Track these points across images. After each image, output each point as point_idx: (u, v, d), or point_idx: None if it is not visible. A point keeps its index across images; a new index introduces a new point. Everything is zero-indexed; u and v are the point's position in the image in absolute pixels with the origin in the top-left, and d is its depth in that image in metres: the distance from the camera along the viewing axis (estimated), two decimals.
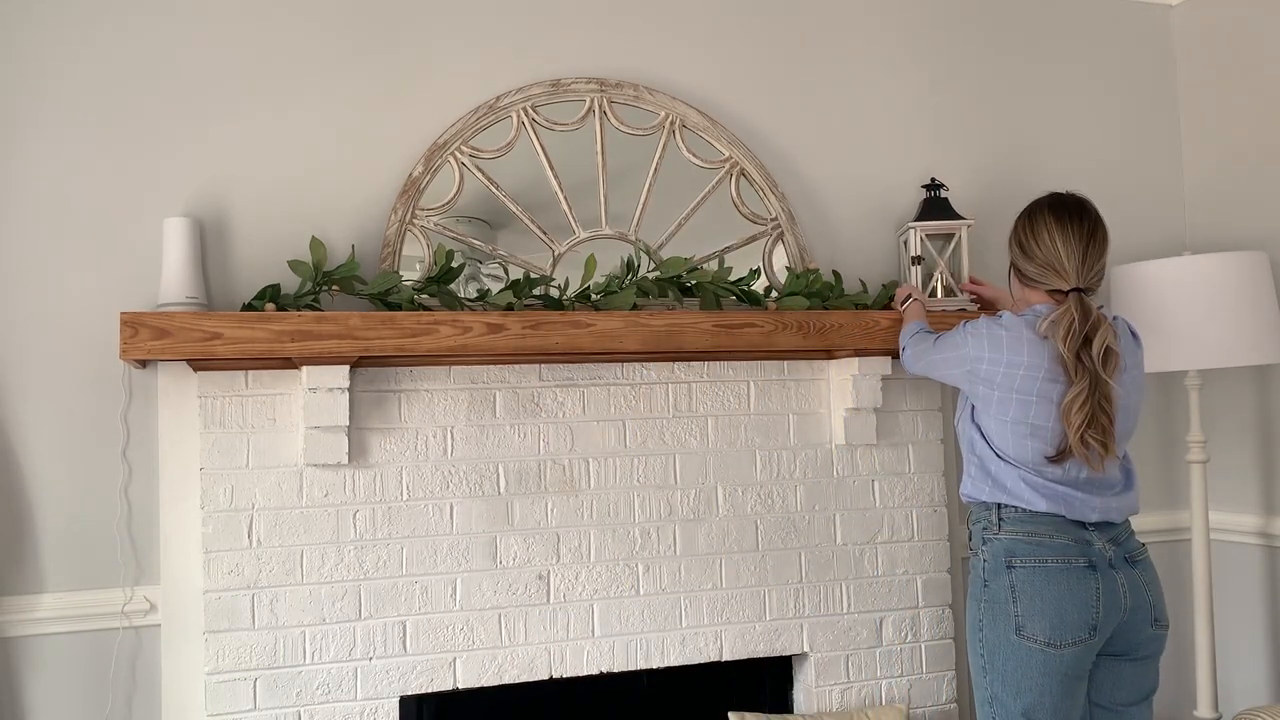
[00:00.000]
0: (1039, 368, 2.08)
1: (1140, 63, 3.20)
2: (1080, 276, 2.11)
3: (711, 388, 2.66)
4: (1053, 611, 2.02)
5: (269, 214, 2.43)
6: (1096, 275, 2.14)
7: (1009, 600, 2.06)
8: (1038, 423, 2.09)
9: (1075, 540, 2.07)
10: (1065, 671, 2.03)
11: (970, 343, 2.16)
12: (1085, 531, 2.09)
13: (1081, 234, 2.12)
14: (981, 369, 2.14)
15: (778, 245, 2.74)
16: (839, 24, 2.91)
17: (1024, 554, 2.07)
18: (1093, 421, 2.03)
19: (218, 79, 2.42)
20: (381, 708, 2.37)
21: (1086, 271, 2.12)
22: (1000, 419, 2.12)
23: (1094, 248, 2.13)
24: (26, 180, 2.29)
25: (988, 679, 2.10)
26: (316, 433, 2.31)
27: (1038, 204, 2.20)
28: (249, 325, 2.15)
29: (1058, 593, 2.03)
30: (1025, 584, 2.05)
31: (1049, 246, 2.12)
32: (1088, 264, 2.12)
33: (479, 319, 2.28)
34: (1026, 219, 2.19)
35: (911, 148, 2.93)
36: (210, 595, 2.28)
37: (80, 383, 2.30)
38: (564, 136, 2.61)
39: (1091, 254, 2.12)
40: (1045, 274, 2.14)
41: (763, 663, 2.70)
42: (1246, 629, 2.98)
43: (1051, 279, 2.13)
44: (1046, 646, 2.02)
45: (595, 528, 2.55)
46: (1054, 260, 2.12)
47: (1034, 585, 2.05)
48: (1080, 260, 2.11)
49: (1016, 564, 2.07)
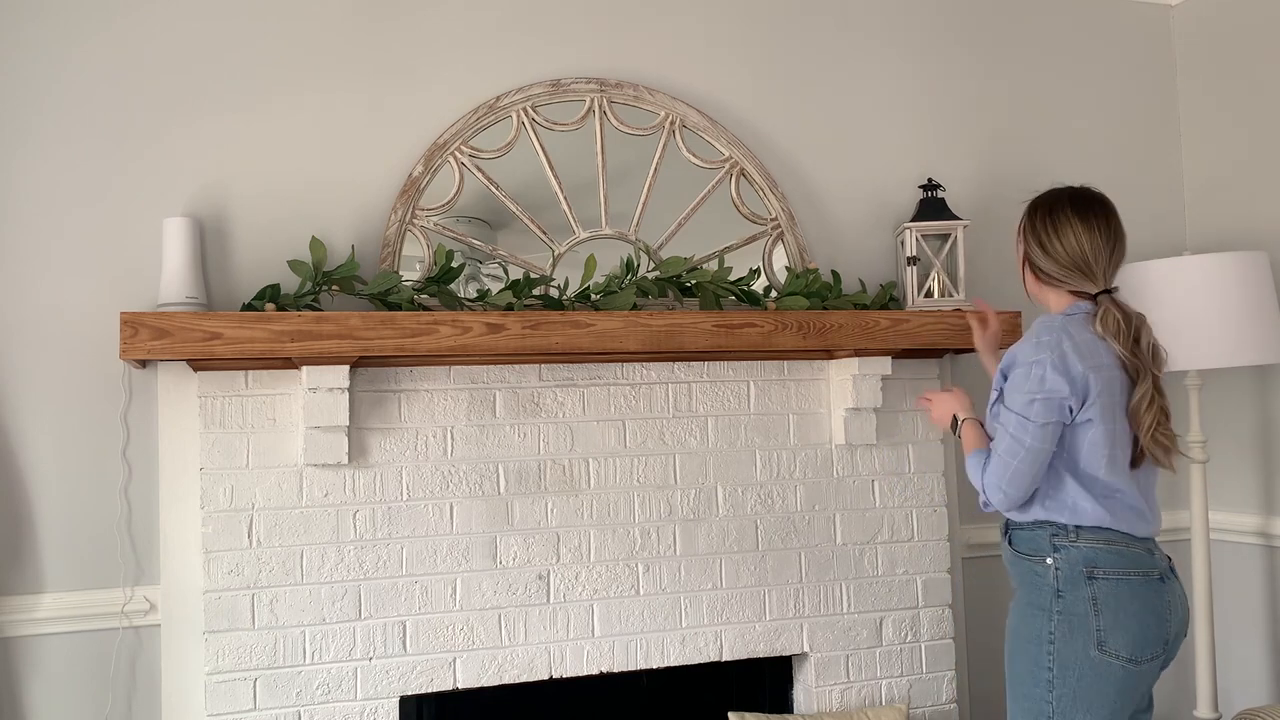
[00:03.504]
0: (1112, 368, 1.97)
1: (1140, 63, 3.20)
2: (1108, 277, 2.02)
3: (711, 388, 2.66)
4: (1136, 626, 1.92)
5: (269, 214, 2.43)
6: (1115, 275, 2.05)
7: (1090, 613, 1.93)
8: (1117, 429, 1.97)
9: (1145, 550, 1.99)
10: (1137, 688, 1.95)
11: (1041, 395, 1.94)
12: (1146, 541, 2.01)
13: (1108, 233, 2.02)
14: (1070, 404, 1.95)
15: (777, 245, 2.74)
16: (839, 24, 2.91)
17: (1107, 564, 1.95)
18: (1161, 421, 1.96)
19: (218, 79, 2.42)
20: (381, 708, 2.37)
21: (1112, 271, 2.03)
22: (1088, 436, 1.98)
23: (1119, 248, 2.04)
24: (27, 180, 2.29)
25: (1053, 694, 1.95)
26: (316, 433, 2.31)
27: (1056, 198, 2.06)
28: (249, 325, 2.15)
29: (1140, 607, 1.93)
30: (1109, 596, 1.93)
31: (1074, 246, 2.00)
32: (1114, 264, 2.03)
33: (479, 319, 2.28)
34: (1047, 215, 2.05)
35: (911, 148, 2.93)
36: (210, 595, 2.28)
37: (80, 383, 2.30)
38: (564, 136, 2.61)
39: (1117, 254, 2.03)
40: (1070, 275, 2.02)
41: (763, 663, 2.70)
42: (1246, 629, 2.98)
43: (1077, 280, 2.02)
44: (1128, 663, 1.92)
45: (595, 528, 2.55)
46: (1080, 261, 2.01)
47: (1119, 598, 1.93)
48: (1108, 261, 2.01)
49: (1099, 575, 1.95)
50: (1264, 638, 2.94)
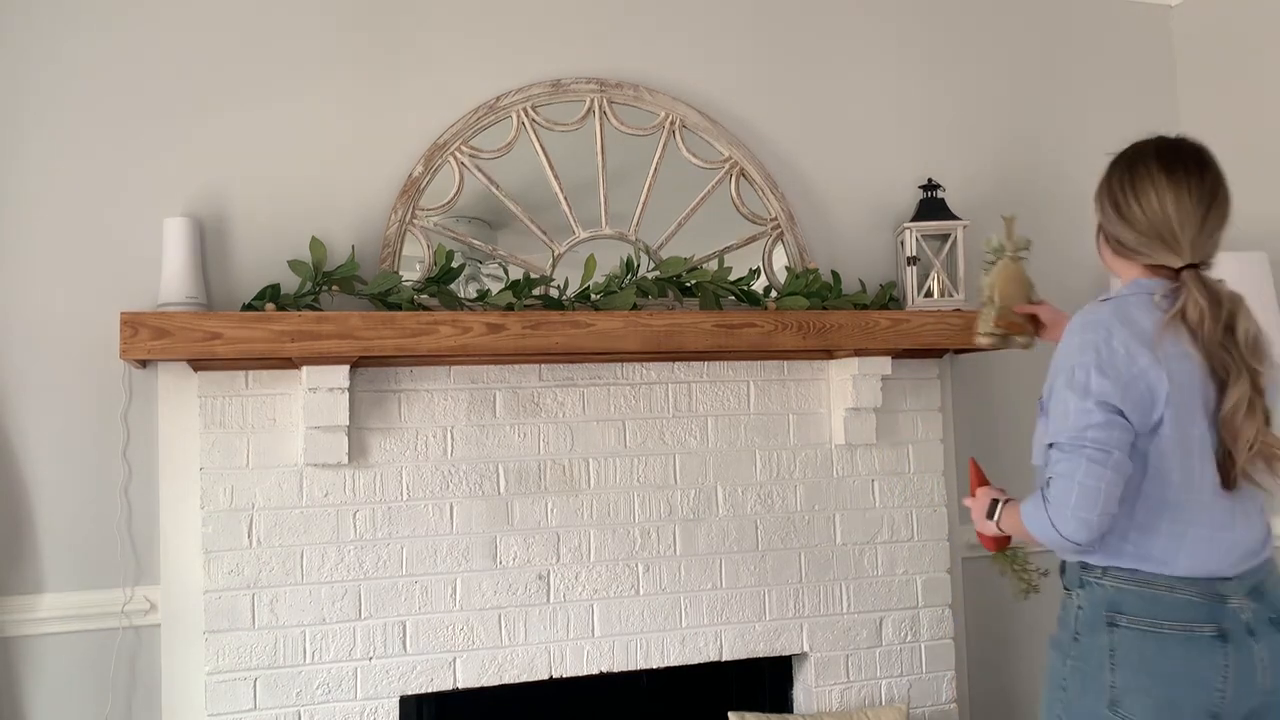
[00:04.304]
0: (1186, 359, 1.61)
1: (1140, 63, 3.19)
2: (1197, 249, 1.65)
3: (711, 388, 2.66)
4: (1160, 691, 1.57)
5: (269, 214, 2.43)
6: (1214, 248, 1.68)
7: (1104, 667, 1.61)
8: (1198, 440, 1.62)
9: (1203, 596, 1.59)
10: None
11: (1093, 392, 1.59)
12: (1217, 585, 1.60)
13: (1201, 193, 1.66)
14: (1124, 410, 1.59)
15: (777, 245, 2.74)
16: (839, 24, 2.91)
17: (1133, 610, 1.61)
18: (1263, 430, 1.60)
19: (218, 79, 2.42)
20: (381, 708, 2.37)
21: (1205, 241, 1.66)
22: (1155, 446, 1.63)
23: (1215, 211, 1.66)
24: (27, 180, 2.29)
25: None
26: (316, 433, 2.31)
27: (1140, 151, 1.73)
28: (249, 325, 2.15)
29: (1170, 668, 1.57)
30: (1129, 650, 1.60)
31: (1157, 209, 1.66)
32: (1205, 232, 1.66)
33: (479, 319, 2.28)
34: (1127, 171, 1.72)
35: (911, 148, 2.93)
36: (210, 595, 2.28)
37: (80, 383, 2.30)
38: (564, 136, 2.61)
39: (1212, 219, 1.66)
40: (1150, 245, 1.67)
41: (763, 663, 2.70)
42: None
43: (1158, 251, 1.66)
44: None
45: (595, 528, 2.55)
46: (1163, 227, 1.65)
47: (1141, 654, 1.59)
48: (1198, 228, 1.65)
49: (1121, 622, 1.61)
50: None
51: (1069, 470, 1.59)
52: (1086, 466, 1.57)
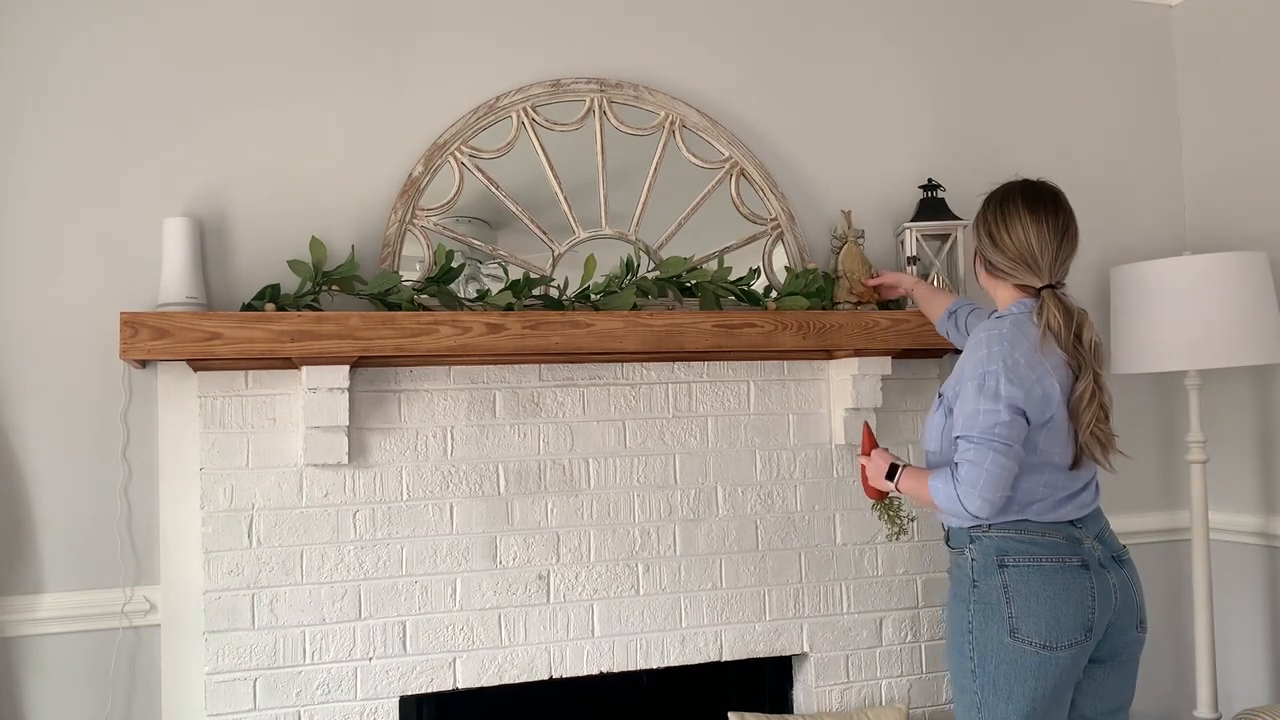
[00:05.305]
0: (1060, 367, 1.99)
1: (1140, 63, 3.19)
2: (1053, 272, 2.03)
3: (711, 388, 2.66)
4: (1048, 612, 1.95)
5: (269, 214, 2.43)
6: (1065, 271, 2.06)
7: (1002, 601, 1.97)
8: (1059, 424, 2.00)
9: (1064, 538, 2.00)
10: (1059, 675, 1.96)
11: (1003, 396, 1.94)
12: (1073, 529, 2.02)
13: (1056, 227, 2.03)
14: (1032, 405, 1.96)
15: (777, 245, 2.74)
16: (839, 25, 2.91)
17: (1017, 552, 1.99)
18: (1100, 418, 1.99)
19: (218, 79, 2.42)
20: (381, 708, 2.37)
21: (1059, 267, 2.03)
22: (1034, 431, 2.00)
23: (1066, 242, 2.04)
24: (27, 180, 2.29)
25: (976, 683, 2.00)
26: (316, 433, 2.31)
27: (1009, 191, 2.08)
28: (249, 325, 2.15)
29: (1053, 592, 1.95)
30: (1019, 584, 1.97)
31: (1021, 239, 2.02)
32: (1060, 259, 2.03)
33: (479, 319, 2.28)
34: (998, 207, 2.07)
35: (911, 148, 2.93)
36: (210, 595, 2.28)
37: (80, 383, 2.30)
38: (564, 136, 2.61)
39: (1064, 249, 2.04)
40: (1016, 268, 2.04)
41: (763, 663, 2.70)
42: (1246, 629, 2.98)
43: (1023, 274, 2.04)
44: (1041, 649, 1.94)
45: (595, 528, 2.55)
46: (1027, 254, 2.02)
47: (1029, 585, 1.97)
48: (1054, 255, 2.02)
49: (1009, 563, 1.99)
50: (1264, 638, 2.94)
51: (978, 459, 1.94)
52: (993, 457, 1.93)
